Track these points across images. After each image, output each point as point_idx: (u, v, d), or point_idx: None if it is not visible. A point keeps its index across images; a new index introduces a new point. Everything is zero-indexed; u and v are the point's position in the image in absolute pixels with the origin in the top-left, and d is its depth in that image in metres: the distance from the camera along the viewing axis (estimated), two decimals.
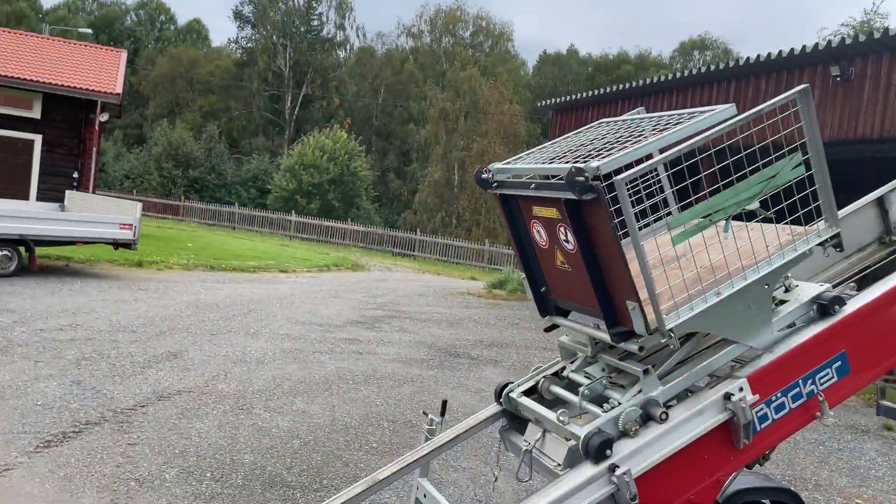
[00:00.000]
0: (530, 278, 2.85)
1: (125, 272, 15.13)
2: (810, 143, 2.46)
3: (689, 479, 2.41)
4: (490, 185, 2.76)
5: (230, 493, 4.82)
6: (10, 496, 4.43)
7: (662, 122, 2.49)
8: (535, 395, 2.95)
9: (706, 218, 2.36)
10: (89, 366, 7.51)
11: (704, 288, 2.39)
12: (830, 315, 2.60)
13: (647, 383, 2.44)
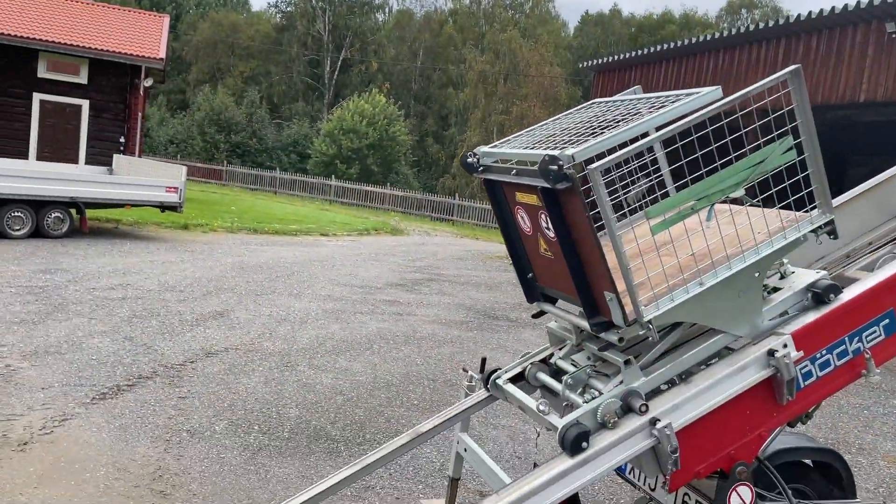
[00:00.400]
0: (517, 264, 2.81)
1: (172, 234, 15.49)
2: (803, 125, 2.35)
3: (731, 434, 2.42)
4: (476, 170, 2.70)
5: (277, 445, 4.99)
6: (70, 444, 4.66)
7: (658, 103, 2.39)
8: (522, 381, 2.94)
9: (688, 206, 2.28)
10: (140, 323, 7.77)
11: (686, 278, 2.32)
12: (825, 304, 2.50)
13: (628, 374, 2.38)
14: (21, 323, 7.25)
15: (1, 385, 5.53)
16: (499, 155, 2.65)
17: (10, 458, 4.37)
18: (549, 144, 2.40)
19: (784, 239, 2.42)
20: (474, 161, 2.70)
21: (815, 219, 2.48)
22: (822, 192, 2.45)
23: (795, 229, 2.44)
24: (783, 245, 2.41)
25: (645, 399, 2.35)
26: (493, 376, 2.99)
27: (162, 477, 4.34)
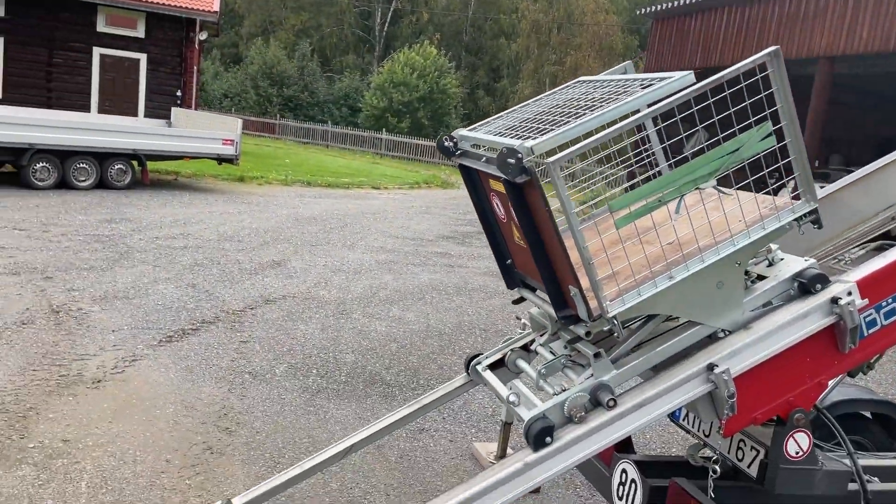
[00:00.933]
0: (495, 250, 2.76)
1: (228, 186, 15.83)
2: (783, 110, 2.24)
3: (790, 381, 2.42)
4: (453, 154, 2.62)
5: (335, 388, 5.16)
6: (140, 383, 4.91)
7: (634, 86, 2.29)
8: (502, 367, 2.92)
9: (655, 198, 2.18)
10: (201, 271, 8.04)
11: (655, 272, 2.24)
12: (811, 294, 2.38)
13: (598, 367, 2.33)
14: (90, 269, 7.58)
15: (74, 327, 5.83)
16: (474, 139, 2.55)
17: (85, 394, 4.63)
18: (521, 130, 2.32)
19: (763, 230, 2.30)
20: (451, 145, 2.60)
21: (798, 208, 2.34)
22: (804, 180, 2.31)
23: (776, 219, 2.31)
24: (762, 236, 2.29)
25: (614, 393, 2.30)
26: (474, 362, 2.98)
27: (227, 415, 4.55)
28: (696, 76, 2.20)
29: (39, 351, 5.24)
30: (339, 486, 3.85)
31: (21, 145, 11.84)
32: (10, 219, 9.64)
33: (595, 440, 2.28)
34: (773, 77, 2.20)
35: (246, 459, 4.03)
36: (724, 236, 2.28)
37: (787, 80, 2.20)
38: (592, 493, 4.01)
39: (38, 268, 7.40)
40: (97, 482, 3.62)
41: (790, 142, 2.27)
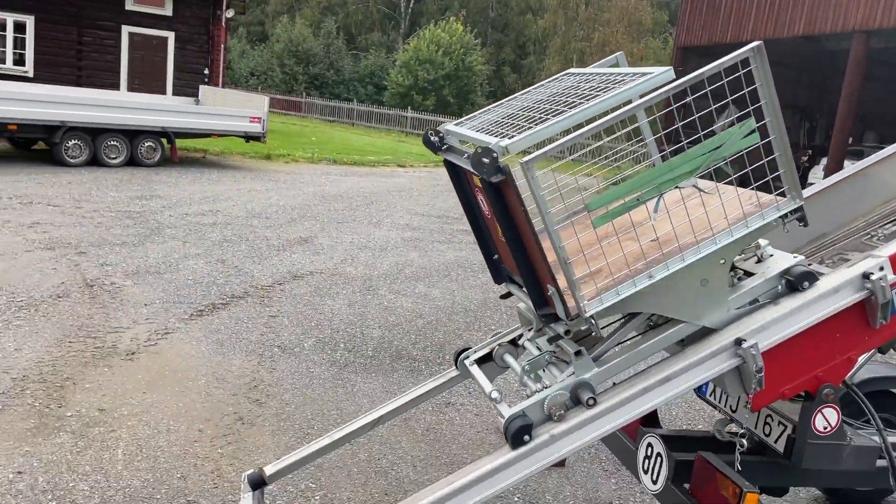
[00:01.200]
0: (482, 245, 2.75)
1: (256, 164, 15.95)
2: (767, 107, 2.19)
3: (820, 356, 2.40)
4: (439, 149, 2.58)
5: (362, 362, 5.23)
6: (173, 355, 5.02)
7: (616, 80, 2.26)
8: (491, 361, 2.92)
9: (633, 197, 2.14)
10: (230, 247, 8.14)
11: (633, 272, 2.22)
12: (798, 292, 2.34)
13: (579, 365, 2.32)
14: (122, 245, 7.73)
15: (108, 300, 5.96)
16: (459, 135, 2.52)
17: (119, 365, 4.75)
18: (503, 127, 2.30)
19: (746, 228, 2.26)
20: (437, 140, 2.57)
21: (783, 205, 2.30)
22: (789, 177, 2.27)
23: (759, 217, 2.27)
24: (745, 234, 2.26)
25: (595, 392, 2.30)
26: (462, 356, 2.98)
27: (257, 387, 4.64)
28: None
29: (75, 323, 5.37)
30: (367, 456, 3.92)
31: (54, 123, 12.03)
32: (44, 195, 9.83)
33: (573, 439, 2.28)
34: (756, 72, 2.16)
35: (276, 430, 4.12)
36: (706, 234, 2.25)
37: (770, 76, 2.16)
38: (618, 468, 4.04)
39: (71, 243, 7.55)
40: (132, 450, 3.73)
41: (775, 138, 2.23)
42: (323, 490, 3.57)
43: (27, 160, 12.67)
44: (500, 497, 3.55)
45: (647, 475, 2.79)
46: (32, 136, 12.65)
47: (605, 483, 3.93)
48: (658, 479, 2.70)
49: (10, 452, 3.57)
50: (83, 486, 3.37)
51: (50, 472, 3.44)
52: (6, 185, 10.18)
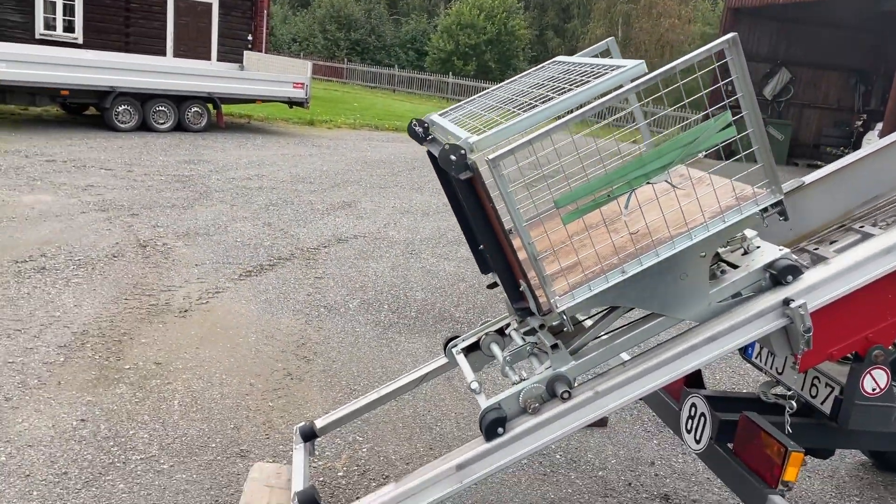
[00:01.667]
0: (468, 235, 2.74)
1: (299, 130, 16.08)
2: (744, 100, 2.12)
3: (870, 318, 2.38)
4: (423, 139, 2.55)
5: (406, 323, 5.32)
6: (224, 313, 5.17)
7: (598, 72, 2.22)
8: (478, 350, 2.92)
9: (604, 193, 2.10)
10: (276, 210, 8.29)
11: (606, 267, 2.20)
12: (782, 286, 2.30)
13: (555, 358, 2.32)
14: (172, 207, 7.92)
15: (160, 260, 6.15)
16: (440, 126, 2.49)
17: (173, 322, 4.92)
18: (479, 120, 2.28)
19: (723, 222, 2.21)
20: (421, 131, 2.54)
21: (762, 199, 2.24)
22: (769, 171, 2.22)
23: (737, 211, 2.23)
24: (722, 229, 2.21)
25: (572, 385, 2.29)
26: (450, 344, 3.00)
27: (305, 345, 4.77)
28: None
29: (130, 282, 5.57)
30: (411, 412, 4.02)
31: (104, 88, 12.28)
32: (96, 159, 10.10)
33: (547, 432, 2.29)
34: (731, 65, 2.10)
35: (323, 385, 4.24)
36: (682, 230, 2.22)
37: (746, 68, 2.11)
38: (660, 429, 4.07)
39: (124, 205, 7.78)
40: (188, 402, 3.89)
41: (752, 132, 2.18)
42: (370, 443, 3.68)
43: (80, 125, 13.00)
44: (541, 454, 3.64)
45: (690, 435, 2.82)
46: (84, 101, 12.94)
47: (646, 443, 3.97)
48: (701, 438, 2.72)
49: (74, 401, 3.75)
50: (143, 434, 3.54)
51: (111, 421, 3.62)
52: (61, 149, 10.49)
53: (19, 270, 5.51)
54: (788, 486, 2.32)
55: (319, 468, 3.41)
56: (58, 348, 4.32)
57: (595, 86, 2.09)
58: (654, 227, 2.29)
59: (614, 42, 2.77)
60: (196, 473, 3.26)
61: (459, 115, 2.58)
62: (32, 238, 6.31)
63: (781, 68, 18.95)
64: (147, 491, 3.09)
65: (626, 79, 2.09)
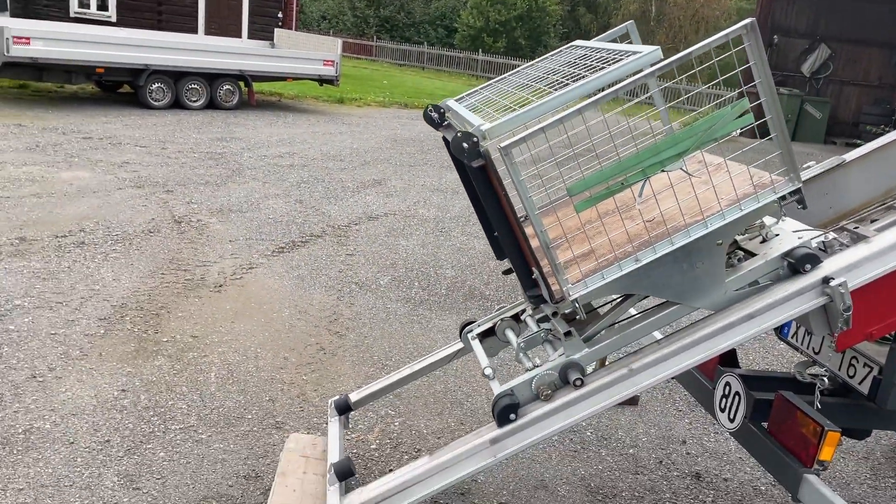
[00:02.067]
0: (483, 221, 2.72)
1: (329, 108, 16.12)
2: (762, 86, 2.07)
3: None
4: (439, 125, 2.53)
5: (436, 300, 5.36)
6: (258, 288, 5.25)
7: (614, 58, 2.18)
8: (493, 336, 2.92)
9: (618, 181, 2.07)
10: (308, 188, 8.35)
11: (621, 255, 2.18)
12: (800, 274, 2.26)
13: (568, 345, 2.32)
14: (206, 184, 8.03)
15: (195, 236, 6.25)
16: (455, 112, 2.47)
17: (209, 297, 5.01)
18: (494, 106, 2.26)
19: (740, 211, 2.18)
20: (437, 116, 2.52)
21: (780, 187, 2.20)
22: (787, 158, 2.18)
23: (755, 199, 2.19)
24: (738, 217, 2.18)
25: (584, 372, 2.29)
26: (466, 329, 3.00)
27: (337, 320, 4.83)
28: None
29: (166, 257, 5.67)
30: (442, 388, 4.06)
31: (138, 66, 12.41)
32: (131, 136, 10.25)
33: (559, 419, 2.29)
34: (749, 51, 2.06)
35: (356, 361, 4.30)
36: (697, 217, 2.20)
37: (764, 54, 2.07)
38: (691, 408, 4.06)
39: (159, 182, 7.90)
40: (224, 374, 3.97)
41: (770, 119, 2.14)
42: (402, 417, 3.73)
43: (114, 103, 13.18)
44: (573, 430, 3.65)
45: (724, 413, 2.81)
46: (118, 79, 13.10)
47: (678, 422, 3.96)
48: (735, 417, 2.71)
49: (115, 372, 3.86)
50: (181, 404, 3.62)
51: (150, 391, 3.71)
52: (97, 127, 10.66)
53: (60, 245, 5.64)
54: (824, 466, 2.31)
55: (353, 441, 3.47)
56: (98, 321, 4.43)
57: (610, 72, 2.07)
58: (669, 215, 2.28)
59: (634, 26, 2.74)
60: (233, 443, 3.34)
61: (475, 100, 2.57)
62: (71, 213, 6.45)
63: (821, 44, 18.48)
64: (186, 459, 3.18)
65: (641, 65, 2.07)
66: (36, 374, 3.74)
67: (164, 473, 3.07)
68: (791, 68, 18.74)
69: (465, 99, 2.62)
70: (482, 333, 2.97)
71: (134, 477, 3.02)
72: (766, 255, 2.34)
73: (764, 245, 2.41)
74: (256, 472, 3.14)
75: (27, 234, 5.80)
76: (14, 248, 5.47)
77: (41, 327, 4.25)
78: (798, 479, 2.31)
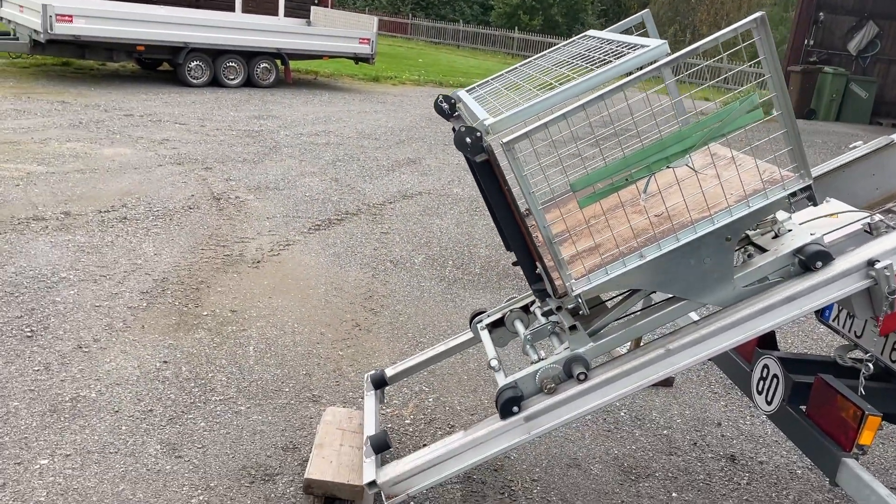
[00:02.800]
0: (491, 212, 2.70)
1: (364, 86, 16.14)
2: (772, 81, 2.01)
3: None
4: (450, 116, 2.51)
5: (469, 279, 5.37)
6: (295, 265, 5.32)
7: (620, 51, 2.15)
8: (502, 326, 2.91)
9: (622, 177, 2.04)
10: (343, 166, 8.40)
11: (625, 251, 2.17)
12: (811, 271, 2.23)
13: (573, 339, 2.32)
14: (244, 162, 8.12)
15: (233, 213, 6.34)
16: (465, 103, 2.45)
17: (247, 272, 5.09)
18: (502, 99, 2.24)
19: (748, 207, 2.14)
20: (447, 107, 2.51)
21: (789, 184, 2.15)
22: (798, 155, 2.13)
23: (763, 196, 2.14)
24: (747, 214, 2.14)
25: (589, 367, 2.29)
26: (475, 319, 2.99)
27: (372, 297, 4.87)
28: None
29: (205, 233, 5.77)
30: (476, 366, 4.09)
31: (178, 44, 12.56)
32: (171, 114, 10.40)
33: (595, 397, 2.29)
34: (759, 45, 2.01)
35: (390, 337, 4.34)
36: (704, 214, 2.17)
37: (774, 48, 2.02)
38: (727, 391, 4.03)
39: (198, 159, 8.01)
40: (262, 348, 4.05)
41: (781, 114, 2.09)
42: (436, 393, 3.77)
43: (154, 80, 13.37)
44: (606, 410, 3.66)
45: (762, 396, 2.78)
46: (158, 56, 13.26)
47: (713, 404, 3.94)
48: (773, 400, 2.68)
49: (157, 344, 3.96)
50: (221, 376, 3.71)
51: (191, 363, 3.80)
52: (138, 104, 10.83)
53: (103, 220, 5.77)
54: (863, 450, 2.28)
55: (387, 415, 3.52)
56: (140, 294, 4.54)
57: (615, 66, 2.05)
58: (676, 211, 2.26)
59: (650, 15, 2.72)
60: (271, 415, 3.41)
61: (484, 92, 2.57)
62: (114, 189, 6.59)
63: (868, 22, 17.88)
64: (226, 430, 3.26)
65: (646, 59, 2.05)
66: (81, 344, 3.86)
67: (204, 443, 3.15)
68: (837, 46, 18.21)
69: (476, 90, 2.62)
70: (492, 324, 2.99)
71: (176, 445, 3.11)
72: (776, 251, 2.32)
73: (776, 241, 2.39)
74: (294, 444, 3.21)
75: (72, 208, 5.94)
76: (59, 222, 5.62)
77: (86, 300, 4.37)
78: (836, 463, 2.29)
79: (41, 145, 7.83)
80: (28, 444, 3.00)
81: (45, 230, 5.42)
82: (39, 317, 4.10)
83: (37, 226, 5.49)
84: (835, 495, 3.27)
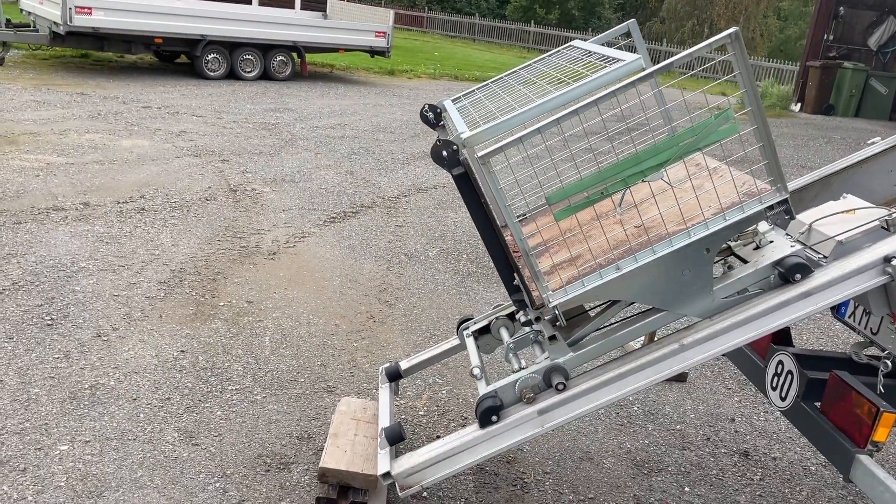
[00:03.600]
0: None
1: (380, 79, 16.16)
2: (747, 96, 2.01)
3: None
4: (435, 125, 2.52)
5: (483, 273, 5.38)
6: (310, 257, 5.36)
7: None
8: (488, 333, 2.92)
9: (597, 191, 2.05)
10: (358, 159, 8.43)
11: (602, 263, 2.18)
12: (790, 283, 2.24)
13: (553, 350, 2.33)
14: (260, 154, 8.17)
15: (250, 205, 6.39)
16: (449, 114, 2.46)
17: (263, 264, 5.13)
18: (481, 111, 2.26)
19: (724, 220, 2.14)
20: (432, 117, 2.53)
21: (766, 197, 2.16)
22: (774, 168, 2.13)
23: (739, 209, 2.15)
24: (723, 227, 2.15)
25: (568, 377, 2.31)
26: (462, 326, 2.99)
27: (386, 290, 4.90)
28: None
29: (222, 224, 5.82)
30: (488, 359, 4.10)
31: (195, 37, 12.64)
32: (188, 106, 10.47)
33: (609, 391, 2.31)
34: (734, 60, 2.01)
35: (404, 329, 4.37)
36: (681, 226, 2.18)
37: (748, 63, 2.02)
38: (741, 386, 4.02)
39: (215, 151, 8.07)
40: (278, 338, 4.08)
41: (756, 129, 2.09)
42: (449, 386, 3.79)
43: (172, 73, 13.46)
44: (619, 405, 3.66)
45: (776, 392, 2.78)
46: (176, 49, 13.36)
47: (727, 400, 3.93)
48: (787, 396, 2.68)
49: (174, 334, 4.01)
50: (237, 366, 3.75)
51: (208, 353, 3.85)
52: (156, 96, 10.91)
53: (121, 211, 5.84)
54: (878, 447, 2.28)
55: (401, 407, 3.55)
56: (158, 284, 4.59)
57: (591, 81, 2.06)
58: (653, 224, 2.27)
59: (636, 24, 2.73)
60: (286, 405, 3.45)
61: (467, 102, 2.59)
62: (132, 180, 6.66)
63: (889, 16, 17.65)
64: (242, 419, 3.30)
65: (620, 75, 2.05)
66: (101, 333, 3.91)
67: (221, 431, 3.19)
68: (857, 41, 17.99)
69: (461, 100, 2.65)
70: (478, 331, 3.01)
71: (193, 433, 3.15)
72: (756, 262, 2.34)
73: (756, 252, 2.40)
74: (309, 434, 3.24)
75: (91, 199, 6.01)
76: (79, 212, 5.69)
77: (105, 289, 4.43)
78: (850, 460, 2.29)
79: (60, 136, 7.92)
80: (48, 430, 3.06)
81: (64, 220, 5.49)
82: (59, 305, 4.16)
83: (56, 216, 5.56)
84: (848, 492, 3.27)
